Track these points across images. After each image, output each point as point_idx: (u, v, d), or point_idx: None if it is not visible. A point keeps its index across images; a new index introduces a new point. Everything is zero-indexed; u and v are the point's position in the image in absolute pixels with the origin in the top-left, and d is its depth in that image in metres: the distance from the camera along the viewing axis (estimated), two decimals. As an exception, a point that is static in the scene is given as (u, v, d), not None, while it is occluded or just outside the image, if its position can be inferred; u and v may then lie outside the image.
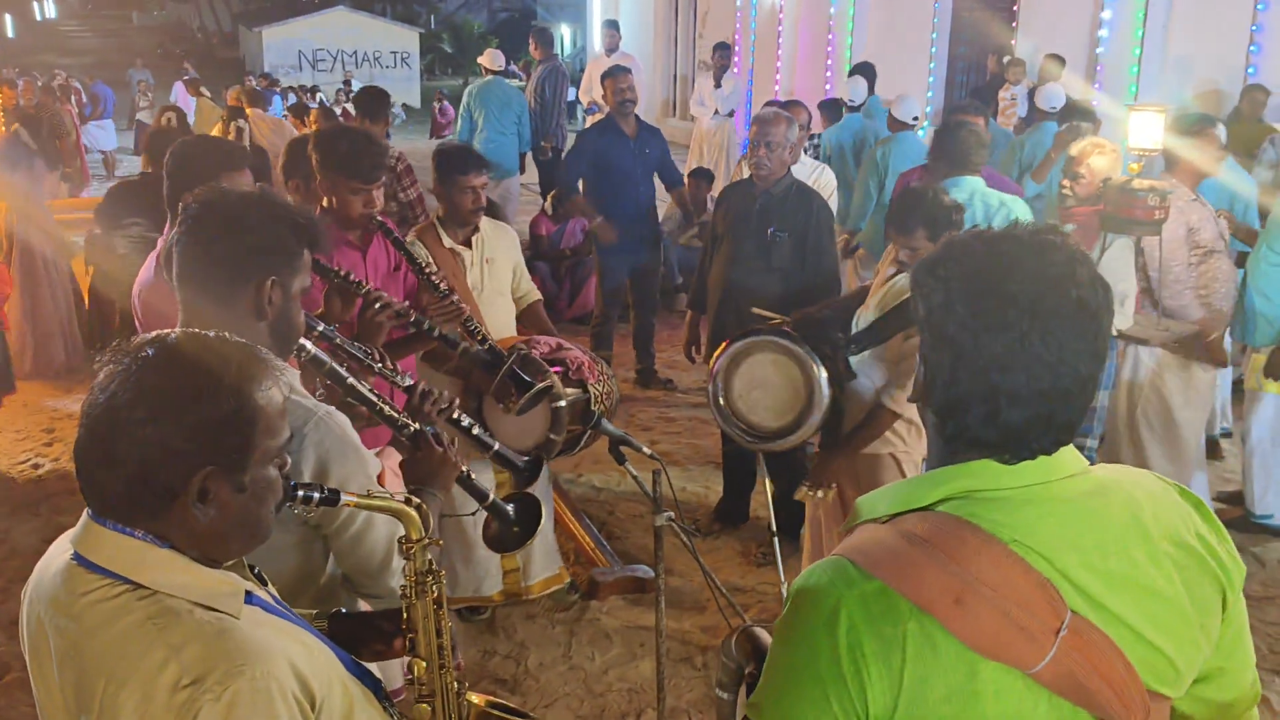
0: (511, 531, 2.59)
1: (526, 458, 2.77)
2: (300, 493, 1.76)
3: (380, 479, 2.43)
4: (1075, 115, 7.28)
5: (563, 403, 3.86)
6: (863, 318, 4.04)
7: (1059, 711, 1.39)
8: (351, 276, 3.31)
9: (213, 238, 2.13)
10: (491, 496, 2.53)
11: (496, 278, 4.56)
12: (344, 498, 1.84)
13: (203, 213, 2.16)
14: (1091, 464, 1.52)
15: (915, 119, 7.79)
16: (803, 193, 5.15)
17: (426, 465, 2.35)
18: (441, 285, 3.68)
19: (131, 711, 1.48)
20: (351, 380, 2.36)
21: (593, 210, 7.39)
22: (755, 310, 4.76)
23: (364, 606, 2.39)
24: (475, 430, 2.65)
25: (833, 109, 9.27)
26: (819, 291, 5.05)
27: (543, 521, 4.72)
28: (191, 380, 1.55)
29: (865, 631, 1.38)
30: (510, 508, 2.59)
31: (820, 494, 4.04)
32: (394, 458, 2.44)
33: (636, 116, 7.40)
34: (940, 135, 5.30)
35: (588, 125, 10.23)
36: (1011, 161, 7.74)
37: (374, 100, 7.14)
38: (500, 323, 4.52)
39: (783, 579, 4.50)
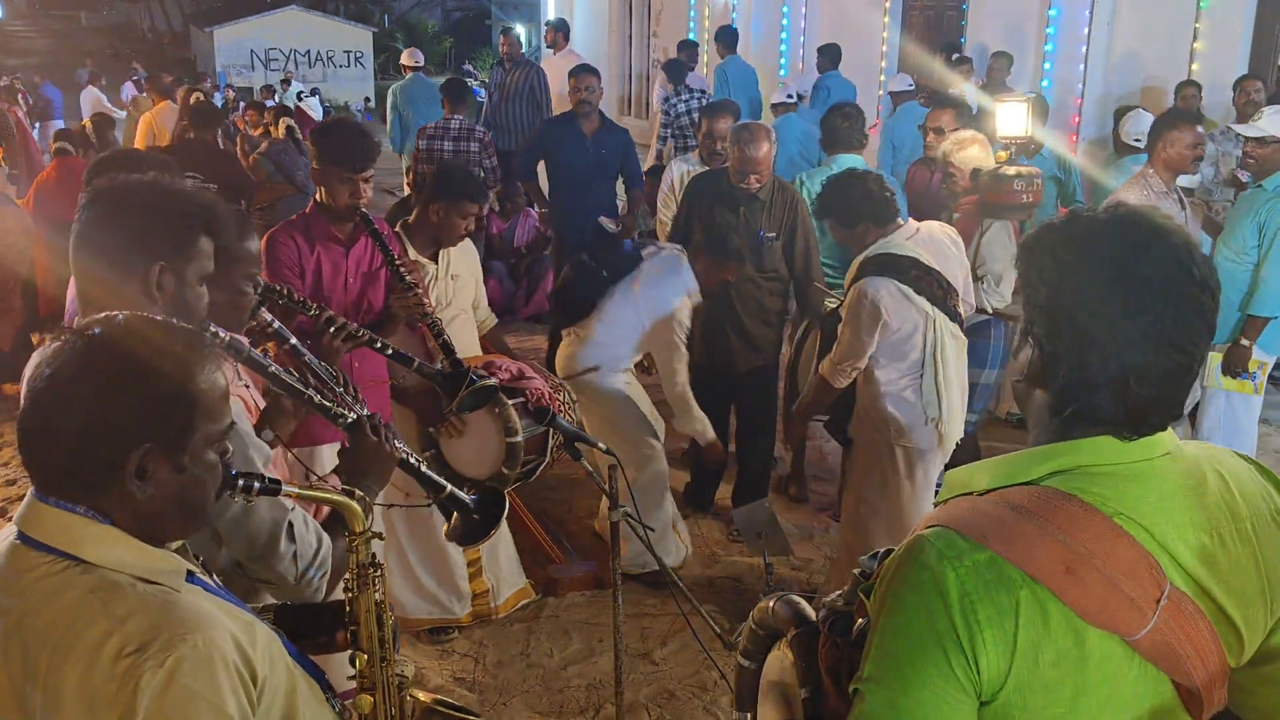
0: (472, 521, 2.56)
1: (475, 496, 2.62)
2: (240, 481, 1.77)
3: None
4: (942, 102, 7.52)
5: (519, 437, 3.77)
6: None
7: (1147, 677, 1.45)
8: (296, 296, 3.29)
9: (101, 223, 2.14)
10: (449, 488, 2.48)
11: (461, 294, 4.49)
12: (285, 488, 1.85)
13: (94, 199, 2.17)
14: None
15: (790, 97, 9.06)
16: (784, 191, 5.20)
17: (361, 456, 2.31)
18: (409, 278, 3.74)
19: (74, 683, 1.49)
20: (274, 369, 2.34)
21: (541, 196, 7.45)
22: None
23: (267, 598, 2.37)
24: (424, 468, 2.54)
25: (674, 69, 10.08)
26: (810, 289, 5.22)
27: (506, 539, 4.71)
28: (134, 359, 1.58)
29: (979, 600, 1.41)
30: (470, 499, 2.56)
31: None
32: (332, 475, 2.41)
33: (602, 116, 7.34)
34: (822, 121, 6.05)
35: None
36: (886, 144, 8.53)
37: (458, 89, 8.77)
38: (464, 342, 4.41)
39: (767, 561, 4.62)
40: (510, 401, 3.77)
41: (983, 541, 1.44)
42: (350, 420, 2.36)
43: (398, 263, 3.76)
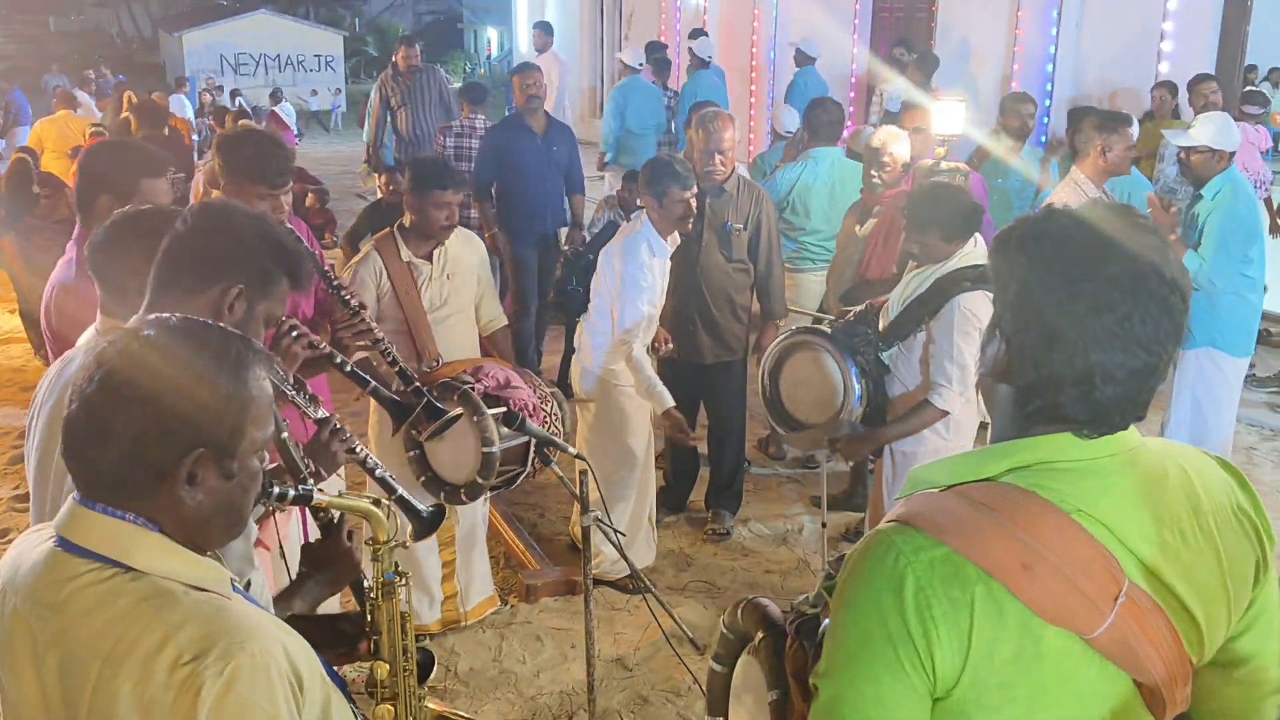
0: (421, 524, 2.60)
1: (430, 508, 2.64)
2: (275, 490, 1.76)
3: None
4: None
5: (495, 449, 3.72)
6: (890, 311, 4.16)
7: (1107, 676, 1.44)
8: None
9: (203, 232, 2.14)
10: (400, 491, 2.53)
11: (459, 294, 4.38)
12: (316, 497, 1.84)
13: (204, 210, 2.21)
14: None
15: (710, 58, 10.27)
16: (749, 187, 5.28)
17: (325, 553, 2.16)
18: (352, 302, 3.49)
19: (129, 692, 1.47)
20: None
21: (490, 220, 7.36)
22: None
23: None
24: (379, 472, 2.60)
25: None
26: (771, 281, 5.30)
27: (482, 544, 4.71)
28: (191, 363, 1.56)
29: (934, 595, 1.40)
30: (425, 510, 2.59)
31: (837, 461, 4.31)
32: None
33: (547, 114, 7.38)
34: (805, 115, 6.36)
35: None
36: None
37: (476, 91, 8.46)
38: (458, 342, 4.35)
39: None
40: (491, 412, 3.74)
41: (940, 537, 1.43)
42: (326, 518, 2.19)
43: (335, 283, 3.51)
